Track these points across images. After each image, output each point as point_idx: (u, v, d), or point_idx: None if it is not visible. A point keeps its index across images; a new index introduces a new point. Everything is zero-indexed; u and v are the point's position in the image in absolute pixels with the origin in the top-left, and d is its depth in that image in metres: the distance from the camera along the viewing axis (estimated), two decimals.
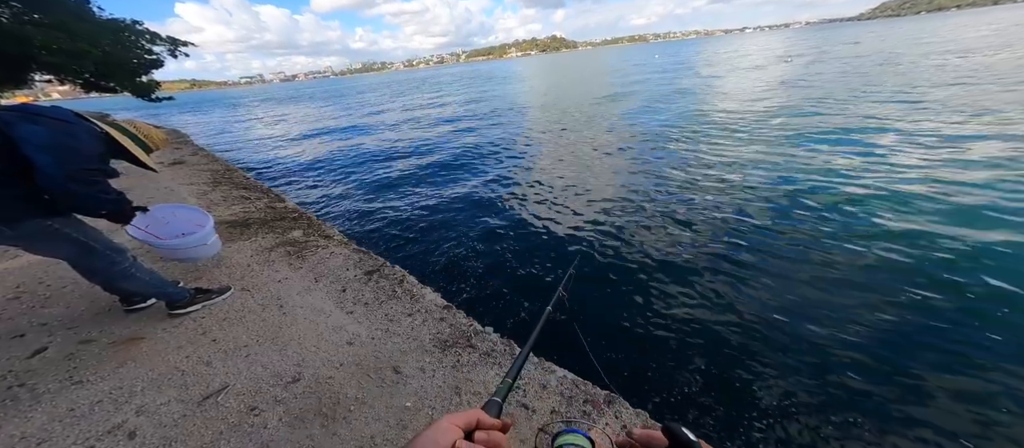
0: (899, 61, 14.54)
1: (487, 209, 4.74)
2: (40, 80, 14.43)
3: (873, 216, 3.50)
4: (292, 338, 1.94)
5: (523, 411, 1.49)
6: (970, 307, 2.35)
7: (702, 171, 5.15)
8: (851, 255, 2.96)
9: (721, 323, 2.43)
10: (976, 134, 5.34)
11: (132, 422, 1.49)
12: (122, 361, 1.81)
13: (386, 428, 1.43)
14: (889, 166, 4.60)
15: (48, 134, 1.49)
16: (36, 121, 1.50)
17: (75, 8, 12.58)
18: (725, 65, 22.42)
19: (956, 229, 3.15)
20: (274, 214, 3.87)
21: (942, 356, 2.04)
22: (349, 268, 2.65)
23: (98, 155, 1.66)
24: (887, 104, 7.81)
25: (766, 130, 6.88)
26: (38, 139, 1.47)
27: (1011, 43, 16.07)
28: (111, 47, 13.10)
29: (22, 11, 11.16)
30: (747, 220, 3.68)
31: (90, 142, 1.62)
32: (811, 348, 2.17)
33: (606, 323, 2.54)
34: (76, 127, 1.60)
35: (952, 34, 26.12)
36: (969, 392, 1.84)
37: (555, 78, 28.93)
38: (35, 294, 2.44)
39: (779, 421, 1.77)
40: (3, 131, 1.44)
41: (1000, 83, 8.42)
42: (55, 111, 1.60)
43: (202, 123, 20.58)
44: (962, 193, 3.73)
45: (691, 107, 10.00)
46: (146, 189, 4.73)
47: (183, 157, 7.66)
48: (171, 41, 15.37)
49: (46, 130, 1.50)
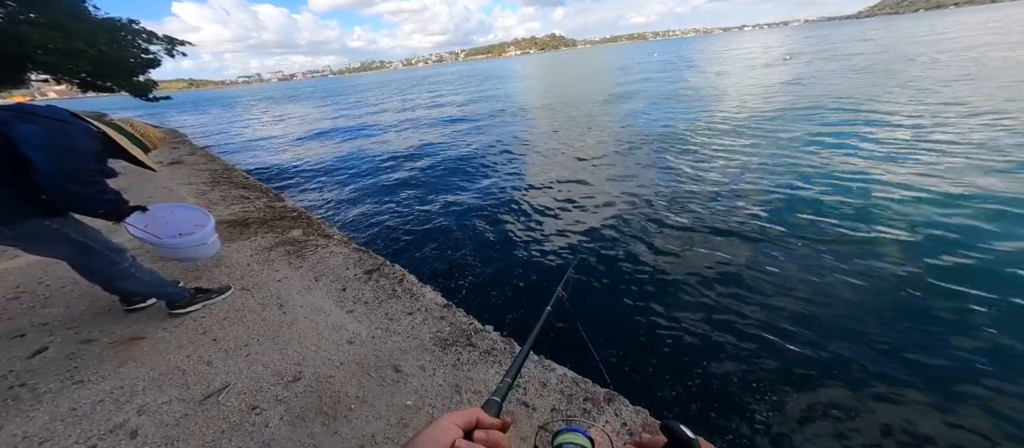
0: (900, 60, 14.56)
1: (487, 209, 4.74)
2: (36, 80, 14.36)
3: (872, 217, 3.50)
4: (292, 337, 1.94)
5: (523, 409, 1.50)
6: (972, 310, 2.33)
7: (702, 172, 5.15)
8: (851, 256, 2.96)
9: (720, 322, 2.44)
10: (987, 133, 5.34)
11: (134, 421, 1.50)
12: (123, 361, 1.82)
13: (387, 427, 1.44)
14: (890, 168, 4.59)
15: (45, 133, 1.49)
16: (32, 120, 1.50)
17: (71, 7, 12.51)
18: (724, 64, 22.40)
19: (963, 233, 3.10)
20: (273, 213, 3.87)
21: (942, 359, 2.04)
22: (349, 267, 2.65)
23: (95, 154, 1.65)
24: (887, 104, 7.82)
25: (765, 131, 6.88)
26: (36, 138, 1.46)
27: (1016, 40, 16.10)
28: (107, 46, 13.04)
29: (18, 10, 11.10)
30: (746, 221, 3.68)
31: (86, 141, 1.62)
32: (810, 347, 2.18)
33: (606, 322, 2.55)
34: (72, 126, 1.59)
35: (958, 31, 26.05)
36: (968, 393, 1.84)
37: (554, 77, 28.89)
38: (35, 294, 2.44)
39: (777, 419, 1.78)
40: (1, 131, 1.44)
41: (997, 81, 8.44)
42: (50, 110, 1.59)
43: (200, 123, 20.51)
44: (973, 196, 3.66)
45: (690, 107, 10.01)
46: (144, 188, 4.72)
47: (181, 157, 7.64)
48: (168, 40, 15.30)
49: (42, 130, 1.49)
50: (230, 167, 6.90)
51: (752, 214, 3.77)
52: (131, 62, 14.27)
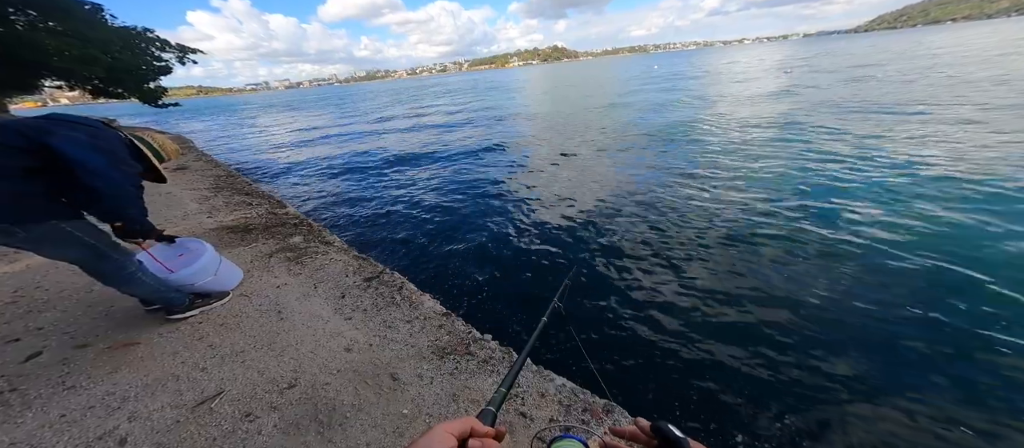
0: (898, 73, 14.67)
1: (487, 218, 4.74)
2: (49, 85, 14.64)
3: (871, 227, 3.48)
4: (289, 344, 1.92)
5: (521, 419, 1.46)
6: (970, 312, 2.33)
7: (699, 183, 5.15)
8: (849, 264, 2.95)
9: (718, 332, 2.41)
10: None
11: (124, 428, 1.47)
12: (117, 366, 1.79)
13: (383, 435, 1.40)
14: (892, 179, 4.59)
15: (89, 138, 1.53)
16: (74, 128, 1.54)
17: (88, 16, 12.86)
18: (724, 77, 22.63)
19: (958, 237, 3.14)
20: (275, 220, 3.88)
21: (938, 361, 2.03)
22: (348, 275, 2.63)
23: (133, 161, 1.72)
24: (885, 118, 7.85)
25: (761, 142, 6.90)
26: (83, 142, 1.49)
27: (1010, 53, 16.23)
28: (121, 53, 13.34)
29: (38, 18, 11.40)
30: (743, 231, 3.66)
31: (123, 148, 1.68)
32: (809, 356, 2.15)
33: (604, 332, 2.51)
34: (109, 132, 1.65)
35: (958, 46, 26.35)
36: (967, 394, 1.83)
37: (556, 88, 29.21)
38: (33, 299, 2.43)
39: (776, 428, 1.75)
40: (37, 135, 1.45)
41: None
42: (85, 119, 1.64)
43: (207, 129, 20.77)
44: (973, 200, 3.73)
45: (689, 119, 10.06)
46: (147, 195, 4.75)
47: (186, 162, 7.72)
48: (180, 48, 15.64)
49: (86, 135, 1.53)
50: (233, 173, 6.95)
51: (749, 225, 3.76)
52: (143, 69, 14.58)
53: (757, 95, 13.14)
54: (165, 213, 4.17)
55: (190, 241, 2.32)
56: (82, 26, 11.94)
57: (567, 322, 2.12)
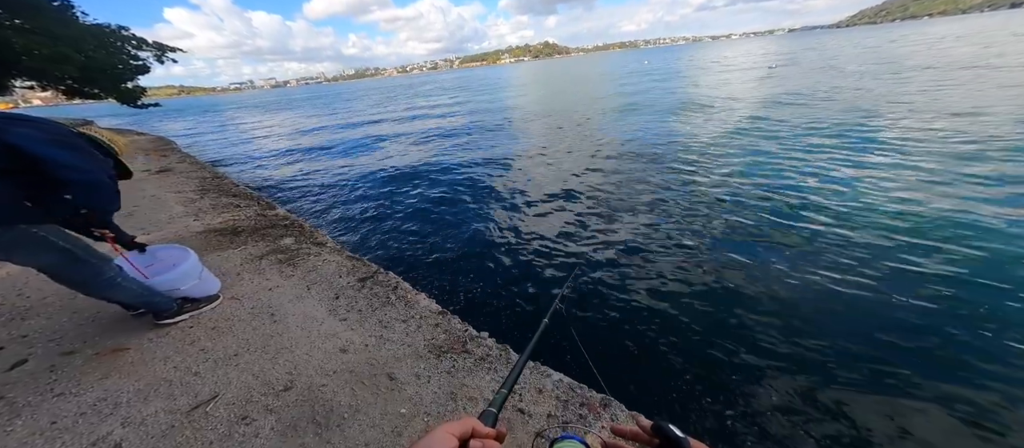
0: (879, 68, 15.06)
1: (481, 217, 4.74)
2: (20, 86, 14.05)
3: (867, 223, 3.54)
4: (284, 346, 1.91)
5: (519, 415, 1.49)
6: (967, 314, 2.36)
7: (697, 180, 5.22)
8: (847, 261, 3.00)
9: (715, 328, 2.46)
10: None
11: (117, 434, 1.45)
12: (107, 372, 1.77)
13: (381, 435, 1.42)
14: (883, 174, 4.67)
15: (47, 134, 1.45)
16: (26, 124, 1.46)
17: (57, 13, 12.33)
18: (714, 71, 22.90)
19: (956, 238, 3.16)
20: (265, 222, 3.82)
21: (935, 361, 2.07)
22: (342, 275, 2.62)
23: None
24: (873, 109, 8.07)
25: (755, 139, 7.03)
26: (41, 138, 1.42)
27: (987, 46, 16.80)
28: (95, 52, 12.84)
29: (4, 16, 10.90)
30: (740, 228, 3.73)
31: (83, 141, 1.61)
32: (805, 352, 2.21)
33: (602, 328, 2.55)
34: (63, 127, 1.57)
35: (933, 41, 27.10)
36: (966, 395, 1.86)
37: (548, 84, 29.19)
38: (14, 306, 2.36)
39: (774, 423, 1.80)
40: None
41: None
42: (35, 118, 1.55)
43: (189, 130, 20.23)
44: (969, 200, 3.75)
45: (684, 115, 10.18)
46: (131, 197, 4.63)
47: (170, 164, 7.52)
48: (158, 47, 15.14)
49: (41, 132, 1.45)
50: (219, 175, 6.80)
51: (746, 222, 3.83)
52: (119, 68, 14.06)
53: (748, 90, 13.35)
54: (150, 216, 4.07)
55: (172, 248, 2.29)
56: (52, 24, 11.46)
57: (567, 322, 2.15)
